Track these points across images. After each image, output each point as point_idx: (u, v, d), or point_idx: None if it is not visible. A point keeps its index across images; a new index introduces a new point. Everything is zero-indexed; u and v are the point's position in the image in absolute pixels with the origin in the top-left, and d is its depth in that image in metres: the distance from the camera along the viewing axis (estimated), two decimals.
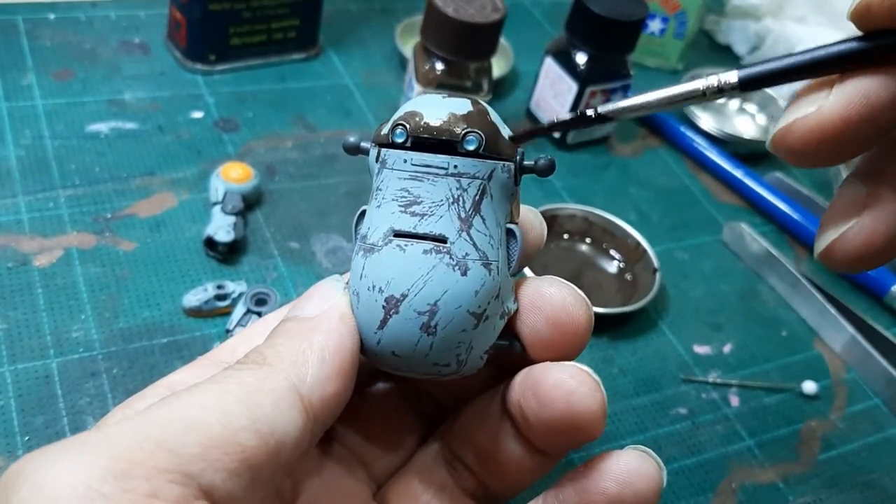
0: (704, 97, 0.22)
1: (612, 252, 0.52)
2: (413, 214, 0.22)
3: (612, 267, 0.51)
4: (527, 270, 0.46)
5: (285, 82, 0.58)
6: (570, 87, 0.56)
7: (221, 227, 0.44)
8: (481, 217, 0.23)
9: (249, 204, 0.48)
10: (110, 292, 0.42)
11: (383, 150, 0.23)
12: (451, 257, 0.22)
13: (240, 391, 0.20)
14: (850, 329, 0.49)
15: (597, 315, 0.47)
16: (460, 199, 0.22)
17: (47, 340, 0.39)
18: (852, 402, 0.48)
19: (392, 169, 0.23)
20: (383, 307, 0.22)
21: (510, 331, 0.24)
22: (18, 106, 0.50)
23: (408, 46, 0.61)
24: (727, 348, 0.48)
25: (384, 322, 0.22)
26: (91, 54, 0.55)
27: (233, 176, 0.47)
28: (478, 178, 0.22)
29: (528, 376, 0.24)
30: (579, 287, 0.25)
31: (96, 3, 0.59)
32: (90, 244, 0.44)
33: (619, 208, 0.54)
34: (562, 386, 0.23)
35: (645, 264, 0.50)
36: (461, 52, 0.51)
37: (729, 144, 0.61)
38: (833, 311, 0.50)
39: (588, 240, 0.52)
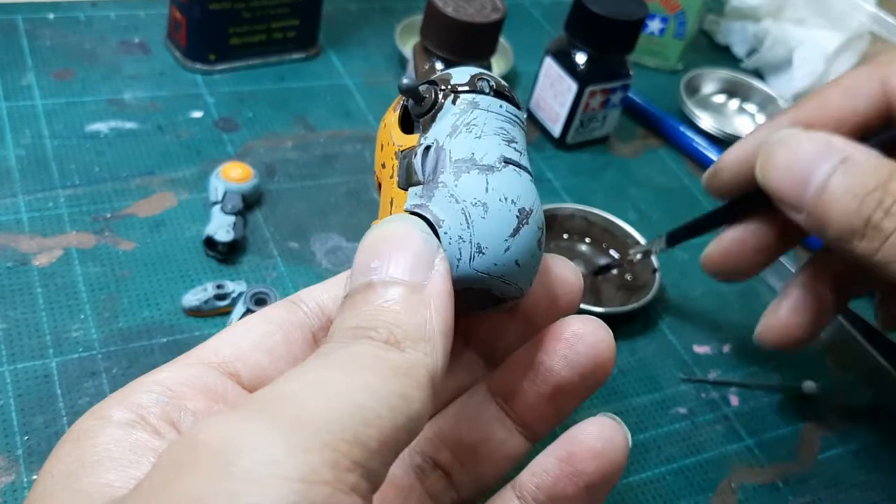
0: (650, 253, 0.34)
1: (612, 252, 0.52)
2: (515, 150, 0.25)
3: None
4: None
5: (285, 82, 0.58)
6: (570, 86, 0.56)
7: (221, 227, 0.44)
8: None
9: (249, 204, 0.48)
10: (110, 292, 0.42)
11: (471, 95, 0.25)
12: None
13: (391, 374, 0.19)
14: (851, 329, 0.49)
15: (596, 315, 0.47)
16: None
17: (47, 340, 0.39)
18: (852, 402, 0.48)
19: (488, 111, 0.25)
20: (517, 217, 0.23)
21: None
22: (18, 105, 0.50)
23: (407, 46, 0.61)
24: (727, 348, 0.48)
25: (517, 231, 0.23)
26: (91, 54, 0.55)
27: (232, 176, 0.47)
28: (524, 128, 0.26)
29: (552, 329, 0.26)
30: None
31: (96, 2, 0.59)
32: (90, 244, 0.44)
33: (618, 208, 0.54)
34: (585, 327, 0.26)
35: (644, 264, 0.50)
36: (461, 51, 0.51)
37: (729, 144, 0.61)
38: None
39: (587, 239, 0.52)
